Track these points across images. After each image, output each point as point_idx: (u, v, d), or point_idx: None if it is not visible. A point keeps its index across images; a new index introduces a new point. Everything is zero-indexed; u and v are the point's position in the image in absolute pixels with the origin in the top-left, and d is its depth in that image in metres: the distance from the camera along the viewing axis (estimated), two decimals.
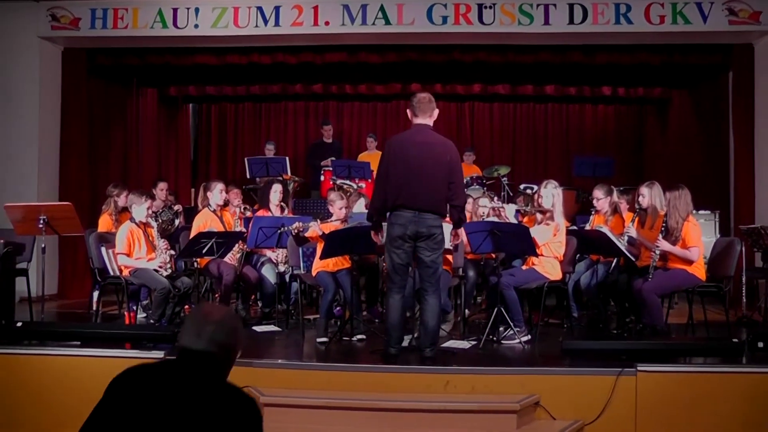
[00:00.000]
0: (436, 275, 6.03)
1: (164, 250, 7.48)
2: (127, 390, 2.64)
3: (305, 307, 8.12)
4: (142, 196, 7.62)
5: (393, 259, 6.02)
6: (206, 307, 2.89)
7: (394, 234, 5.97)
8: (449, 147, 6.08)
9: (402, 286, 6.07)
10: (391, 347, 6.07)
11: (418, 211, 5.92)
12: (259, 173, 11.20)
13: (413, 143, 6.03)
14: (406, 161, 5.97)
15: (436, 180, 5.97)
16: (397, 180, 5.97)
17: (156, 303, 7.23)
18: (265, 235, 7.58)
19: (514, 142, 14.19)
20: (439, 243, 6.01)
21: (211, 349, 2.72)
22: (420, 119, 6.14)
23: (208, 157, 14.60)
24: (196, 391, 2.63)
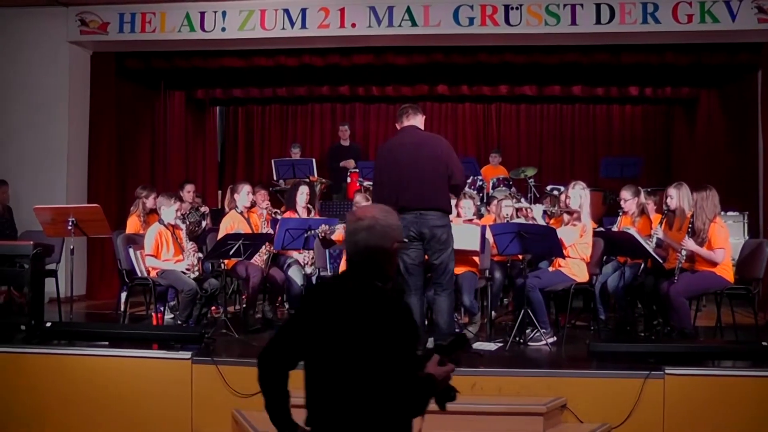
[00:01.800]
0: (446, 274, 6.04)
1: (192, 252, 7.53)
2: (311, 299, 3.00)
3: None
4: (171, 198, 7.68)
5: (404, 260, 6.04)
6: (356, 213, 3.04)
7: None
8: (439, 140, 6.11)
9: (418, 287, 6.09)
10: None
11: (420, 212, 5.92)
12: (286, 175, 11.23)
13: (402, 145, 6.05)
14: (398, 164, 5.97)
15: (433, 177, 5.97)
16: (393, 184, 5.98)
17: (183, 304, 7.28)
18: (292, 236, 7.61)
19: (541, 144, 14.14)
20: (445, 243, 6.00)
21: (368, 253, 2.95)
22: (406, 122, 6.16)
23: (235, 159, 14.68)
24: (359, 294, 2.88)
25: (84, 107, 10.53)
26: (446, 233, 6.01)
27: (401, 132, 6.16)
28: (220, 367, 5.89)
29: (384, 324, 2.78)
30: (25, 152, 10.11)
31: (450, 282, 6.07)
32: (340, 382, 2.81)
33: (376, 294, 2.87)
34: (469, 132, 14.18)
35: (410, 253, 6.00)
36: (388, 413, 2.78)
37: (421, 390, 2.84)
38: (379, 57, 10.75)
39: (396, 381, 2.75)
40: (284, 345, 3.03)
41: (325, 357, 2.86)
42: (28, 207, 8.26)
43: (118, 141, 10.99)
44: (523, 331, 6.81)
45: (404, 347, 2.81)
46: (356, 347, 2.78)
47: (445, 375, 2.89)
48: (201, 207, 9.58)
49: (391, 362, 2.76)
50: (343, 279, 3.02)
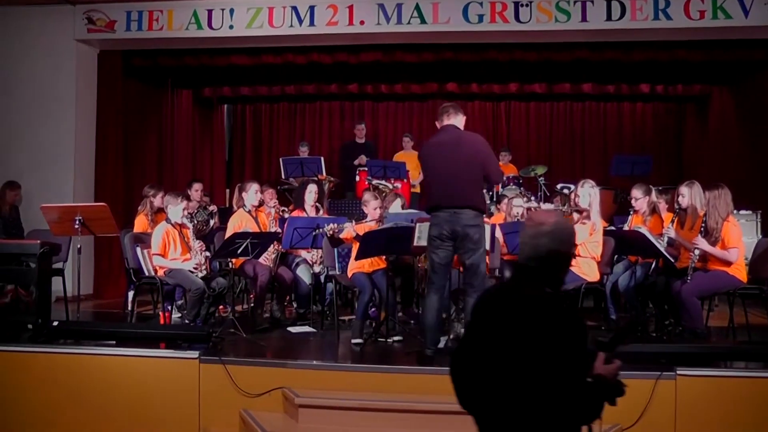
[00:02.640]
0: (478, 275, 6.04)
1: (199, 251, 7.54)
2: (485, 307, 3.05)
3: (340, 308, 8.13)
4: (178, 197, 7.68)
5: (432, 259, 6.08)
6: (537, 218, 3.09)
7: (432, 234, 6.03)
8: (476, 139, 6.12)
9: (441, 286, 6.09)
10: (427, 348, 6.07)
11: (454, 210, 5.94)
12: (294, 174, 11.22)
13: (440, 143, 6.10)
14: (436, 163, 6.03)
15: (470, 176, 5.99)
16: (432, 182, 6.06)
17: (191, 303, 7.28)
18: (300, 235, 7.60)
19: (550, 142, 14.10)
20: (477, 243, 6.00)
21: (548, 258, 2.99)
22: (446, 121, 6.19)
23: (243, 158, 14.69)
24: (535, 301, 2.90)
25: (91, 106, 10.56)
26: (479, 233, 6.03)
27: (440, 131, 6.21)
28: (227, 367, 5.89)
29: (560, 331, 2.81)
30: (32, 151, 10.13)
31: (482, 283, 6.08)
32: (515, 391, 2.83)
33: (550, 301, 2.90)
34: (478, 130, 13.92)
35: (439, 253, 6.04)
36: (566, 420, 2.83)
37: (596, 393, 2.88)
38: (387, 55, 10.74)
39: (572, 387, 2.80)
40: (471, 356, 3.04)
41: (500, 365, 2.88)
42: (35, 206, 8.28)
43: (125, 139, 11.01)
44: None
45: (579, 353, 2.85)
46: (533, 355, 2.80)
47: (614, 373, 2.92)
48: (209, 206, 9.60)
49: (567, 369, 2.79)
50: (515, 286, 3.04)
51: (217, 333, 6.65)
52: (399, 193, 9.12)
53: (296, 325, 7.82)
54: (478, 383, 2.95)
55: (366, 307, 7.14)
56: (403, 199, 8.58)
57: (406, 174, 11.17)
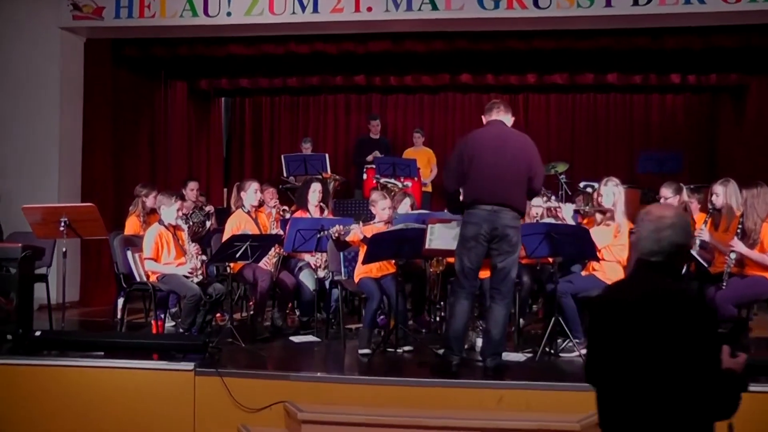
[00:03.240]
0: (507, 282, 6.07)
1: (195, 255, 7.53)
2: (604, 309, 3.18)
3: (346, 316, 8.10)
4: (171, 197, 7.68)
5: (464, 262, 6.08)
6: (657, 211, 3.23)
7: (467, 234, 6.03)
8: (526, 140, 6.21)
9: (471, 291, 6.15)
10: (453, 356, 6.07)
11: (495, 207, 5.95)
12: (297, 171, 11.23)
13: (487, 137, 6.15)
14: (479, 156, 6.05)
15: (515, 174, 6.05)
16: (473, 177, 6.04)
17: (186, 311, 7.27)
18: (304, 238, 7.58)
19: (572, 137, 14.06)
20: (514, 246, 6.05)
21: (671, 251, 3.11)
22: (494, 116, 6.26)
23: (242, 155, 14.69)
24: (667, 295, 3.05)
25: (77, 99, 10.53)
26: (517, 236, 6.08)
27: (488, 125, 6.29)
28: (225, 379, 5.89)
29: (710, 324, 2.99)
30: (13, 147, 10.10)
31: (510, 290, 6.14)
32: (651, 391, 2.96)
33: (695, 295, 3.03)
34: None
35: (472, 255, 6.05)
36: (715, 414, 2.97)
37: (732, 387, 2.97)
38: (397, 44, 10.71)
39: (712, 381, 2.93)
40: (605, 361, 3.15)
41: (633, 366, 3.01)
42: (16, 206, 8.26)
43: (114, 135, 10.99)
44: (554, 340, 6.77)
45: (715, 345, 2.98)
46: (689, 350, 2.92)
47: (743, 366, 3.02)
48: (205, 206, 9.60)
49: (707, 363, 2.93)
50: (646, 282, 3.13)
51: (214, 343, 6.65)
52: (408, 193, 9.11)
53: (299, 334, 7.81)
54: (628, 387, 3.03)
55: (374, 315, 7.13)
56: (413, 198, 8.57)
57: (417, 172, 11.16)
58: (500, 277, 6.07)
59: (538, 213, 8.15)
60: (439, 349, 6.48)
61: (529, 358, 6.62)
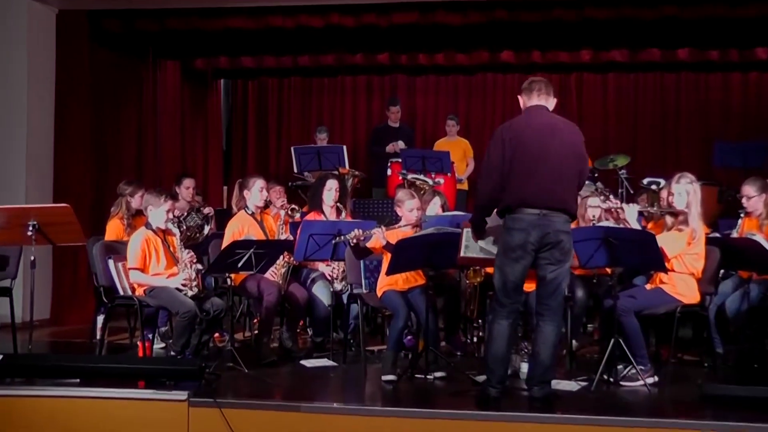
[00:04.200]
0: (558, 295, 6.05)
1: (189, 264, 7.52)
2: None
3: (368, 336, 8.10)
4: (160, 196, 7.68)
5: (506, 275, 6.02)
6: None
7: (513, 243, 5.97)
8: (575, 129, 6.24)
9: (514, 309, 6.11)
10: (492, 387, 6.04)
11: (545, 211, 5.92)
12: (310, 166, 11.23)
13: (533, 127, 6.10)
14: (525, 150, 6.01)
15: (565, 170, 6.03)
16: (517, 174, 5.99)
17: (178, 330, 7.27)
18: (317, 244, 7.60)
19: (635, 124, 13.99)
20: (567, 254, 6.02)
21: None
22: (535, 100, 6.21)
23: (245, 147, 14.74)
24: None
25: (48, 81, 10.54)
26: (570, 243, 6.05)
27: (529, 112, 6.23)
28: (224, 411, 5.88)
29: None
30: None
31: (561, 306, 6.12)
32: None
33: None
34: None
35: (517, 267, 6.00)
36: None
37: None
38: (426, 15, 10.69)
39: None
40: None
41: None
42: None
43: (93, 124, 10.98)
44: (614, 367, 6.73)
45: None
46: None
47: None
48: (202, 207, 9.62)
49: None
50: None
51: (211, 368, 6.66)
52: (439, 191, 9.09)
53: (312, 357, 7.80)
54: None
55: (400, 335, 7.12)
56: (445, 197, 8.57)
57: (450, 167, 11.12)
58: (550, 291, 6.03)
59: (594, 215, 8.09)
60: (478, 376, 6.45)
61: (583, 388, 6.58)
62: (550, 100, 6.28)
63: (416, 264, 6.96)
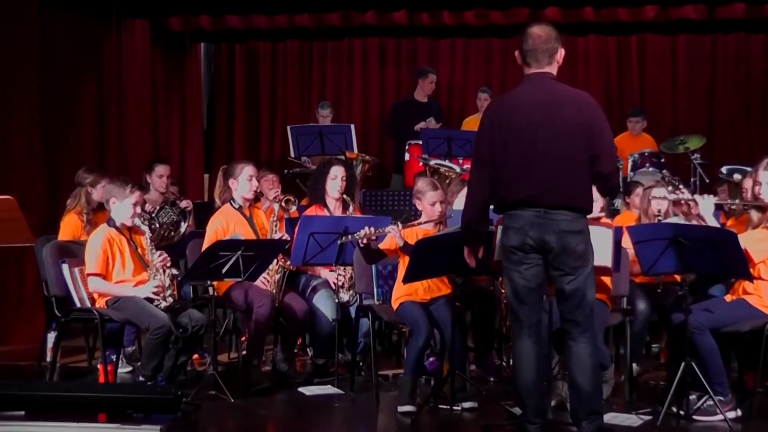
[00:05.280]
0: (584, 307, 5.98)
1: (162, 269, 7.54)
2: None
3: (381, 358, 8.16)
4: (126, 186, 7.67)
5: (514, 282, 5.98)
6: None
7: (508, 244, 5.93)
8: (585, 100, 6.06)
9: (533, 324, 6.02)
10: (530, 422, 6.03)
11: (545, 209, 5.87)
12: (310, 150, 11.25)
13: (529, 104, 5.98)
14: (519, 133, 5.92)
15: (570, 157, 5.90)
16: (509, 164, 5.92)
17: (148, 350, 7.30)
18: (319, 245, 7.62)
19: (712, 99, 13.98)
20: (581, 258, 5.93)
21: None
22: (535, 67, 6.06)
23: (231, 126, 14.80)
24: None
25: None
26: (583, 243, 5.94)
27: (527, 82, 6.11)
28: None
29: None
30: None
31: (590, 319, 6.01)
32: None
33: None
34: (594, 80, 14.07)
35: (523, 271, 5.95)
36: None
37: None
38: None
39: None
40: None
41: None
42: None
43: (43, 99, 10.95)
44: (685, 397, 6.72)
45: None
46: None
47: None
48: (179, 200, 9.60)
49: None
50: None
51: (189, 397, 6.67)
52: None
53: (312, 383, 7.83)
54: None
55: (420, 356, 7.14)
56: None
57: None
58: (573, 304, 5.96)
59: (660, 209, 8.07)
60: (515, 407, 6.44)
61: (647, 423, 6.59)
62: (554, 61, 6.06)
63: (440, 269, 6.98)
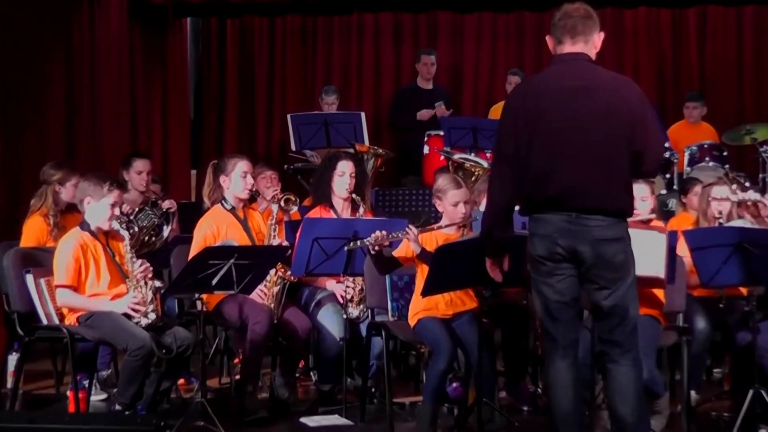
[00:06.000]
0: (626, 326, 5.97)
1: (143, 280, 7.53)
2: None
3: (396, 383, 8.17)
4: (103, 184, 7.64)
5: (545, 296, 5.97)
6: None
7: (535, 253, 5.93)
8: (626, 86, 6.07)
9: (569, 344, 6.02)
10: None
11: (576, 213, 5.85)
12: (314, 142, 11.25)
13: (559, 90, 5.98)
14: (548, 125, 5.91)
15: (607, 153, 5.89)
16: (535, 160, 5.92)
17: (126, 374, 7.27)
18: (325, 252, 7.64)
19: None
20: (621, 269, 5.90)
21: None
22: (568, 46, 6.05)
23: (222, 115, 14.83)
24: None
25: None
26: (622, 253, 5.92)
27: (557, 63, 6.11)
28: None
29: None
30: None
31: (633, 338, 5.99)
32: None
33: None
34: (644, 60, 14.09)
35: (555, 283, 5.94)
36: None
37: None
38: None
39: None
40: None
41: None
42: None
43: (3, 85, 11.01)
44: (755, 429, 6.73)
45: None
46: None
47: None
48: (161, 200, 9.61)
49: None
50: None
51: (173, 429, 6.67)
52: None
53: (316, 413, 7.83)
54: None
55: (442, 381, 7.13)
56: None
57: None
58: (613, 322, 5.94)
59: (721, 211, 8.05)
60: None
61: None
62: (590, 39, 6.04)
63: (464, 280, 6.98)
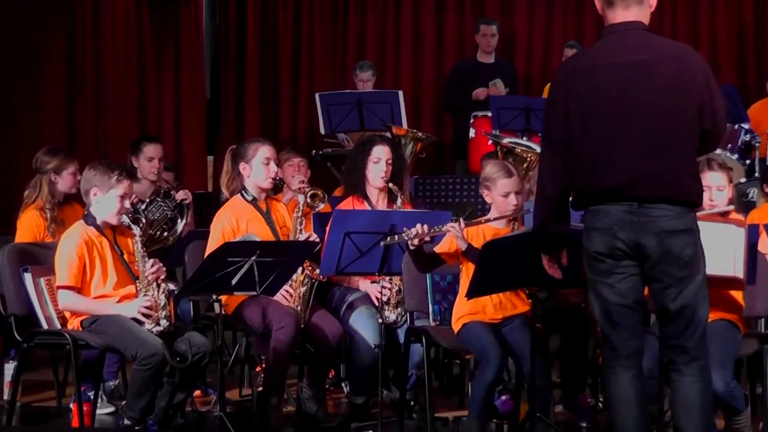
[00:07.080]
0: (695, 330, 5.96)
1: (152, 280, 7.58)
2: None
3: (438, 396, 8.21)
4: (112, 173, 7.65)
5: (604, 299, 5.97)
6: None
7: (592, 249, 5.94)
8: (689, 56, 6.05)
9: (630, 351, 6.02)
10: None
11: (639, 203, 5.88)
12: (345, 125, 11.27)
13: (615, 65, 5.98)
14: (602, 105, 5.91)
15: (672, 135, 5.88)
16: (590, 145, 5.92)
17: (136, 385, 7.31)
18: (358, 248, 7.66)
19: None
20: (689, 266, 5.90)
21: None
22: (621, 13, 6.03)
23: (241, 95, 14.87)
24: None
25: None
26: (691, 246, 5.90)
27: (611, 36, 6.10)
28: None
29: None
30: None
31: (702, 345, 5.98)
32: None
33: None
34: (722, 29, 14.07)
35: (615, 283, 5.93)
36: None
37: None
38: None
39: None
40: None
41: None
42: None
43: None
44: None
45: None
46: None
47: None
48: (175, 190, 9.64)
49: None
50: None
51: None
52: None
53: (349, 429, 7.90)
54: None
55: (489, 394, 7.18)
56: None
57: None
58: (680, 326, 5.92)
59: None
60: None
61: None
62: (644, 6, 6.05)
63: (514, 280, 7.02)
